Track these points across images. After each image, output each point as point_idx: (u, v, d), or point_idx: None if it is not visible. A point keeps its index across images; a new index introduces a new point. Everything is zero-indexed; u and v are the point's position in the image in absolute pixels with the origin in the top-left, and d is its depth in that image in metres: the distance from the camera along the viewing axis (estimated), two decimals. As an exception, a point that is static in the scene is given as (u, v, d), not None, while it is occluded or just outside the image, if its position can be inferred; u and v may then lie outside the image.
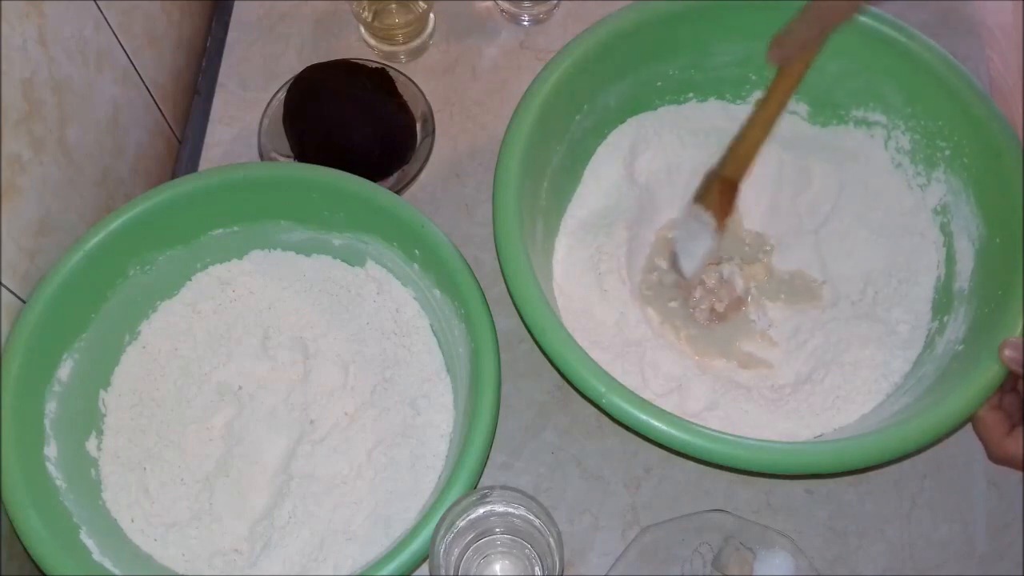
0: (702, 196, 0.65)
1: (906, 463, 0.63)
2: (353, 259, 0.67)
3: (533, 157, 0.62)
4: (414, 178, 0.72)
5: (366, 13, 0.76)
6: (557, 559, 0.52)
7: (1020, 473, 0.60)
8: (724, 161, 0.64)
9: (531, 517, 0.53)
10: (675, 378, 0.62)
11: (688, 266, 0.66)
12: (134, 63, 0.72)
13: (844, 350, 0.63)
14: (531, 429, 0.64)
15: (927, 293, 0.65)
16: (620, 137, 0.70)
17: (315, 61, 0.74)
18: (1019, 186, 0.59)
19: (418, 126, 0.74)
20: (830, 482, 0.63)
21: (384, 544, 0.58)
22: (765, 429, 0.60)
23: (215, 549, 0.60)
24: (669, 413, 0.53)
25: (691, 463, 0.63)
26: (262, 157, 0.73)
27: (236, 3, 0.82)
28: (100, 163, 0.69)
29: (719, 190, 0.64)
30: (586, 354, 0.55)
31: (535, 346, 0.58)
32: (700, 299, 0.67)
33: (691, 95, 0.71)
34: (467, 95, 0.77)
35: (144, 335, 0.65)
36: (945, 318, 0.62)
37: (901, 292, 0.65)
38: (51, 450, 0.58)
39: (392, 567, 0.52)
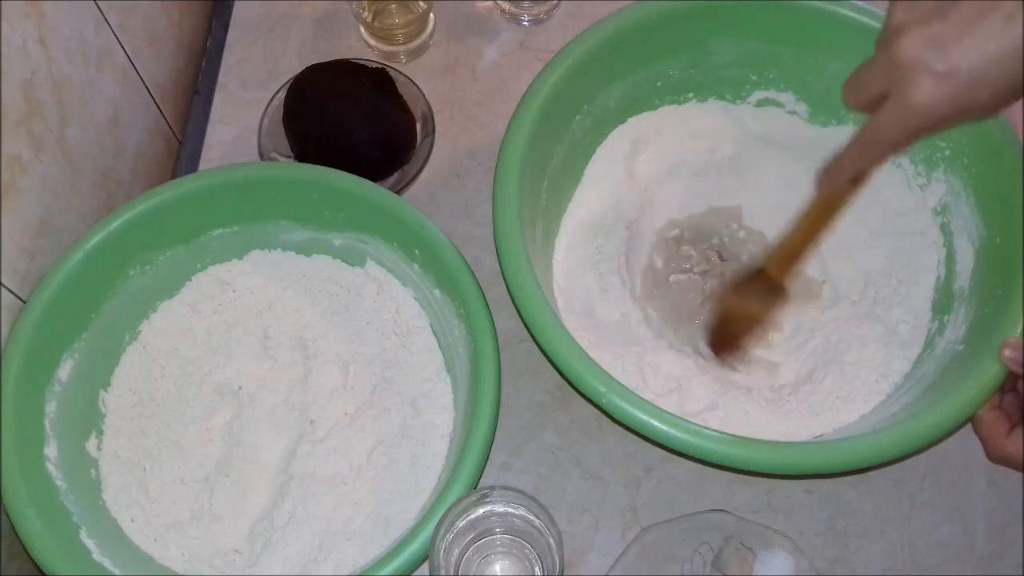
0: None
1: (906, 463, 0.63)
2: (353, 259, 0.67)
3: (533, 157, 0.62)
4: (414, 178, 0.72)
5: (366, 13, 0.76)
6: (557, 559, 0.52)
7: (1020, 473, 0.60)
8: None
9: (531, 517, 0.53)
10: (675, 378, 0.62)
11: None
12: (134, 63, 0.72)
13: (844, 350, 0.63)
14: (531, 429, 0.64)
15: (927, 293, 0.65)
16: (620, 137, 0.70)
17: (315, 61, 0.74)
18: (1019, 186, 0.59)
19: (418, 126, 0.74)
20: (830, 482, 0.63)
21: (384, 544, 0.58)
22: (765, 429, 0.60)
23: (215, 549, 0.60)
24: (669, 413, 0.53)
25: (691, 463, 0.63)
26: (262, 157, 0.73)
27: (236, 3, 0.82)
28: (100, 163, 0.69)
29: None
30: (586, 354, 0.55)
31: (535, 346, 0.58)
32: (705, 301, 0.67)
33: (691, 95, 0.71)
34: (467, 95, 0.77)
35: (144, 335, 0.65)
36: (945, 318, 0.62)
37: (901, 292, 0.65)
38: (51, 450, 0.58)
39: (392, 567, 0.52)
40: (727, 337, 0.64)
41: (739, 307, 0.62)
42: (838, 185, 0.53)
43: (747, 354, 0.64)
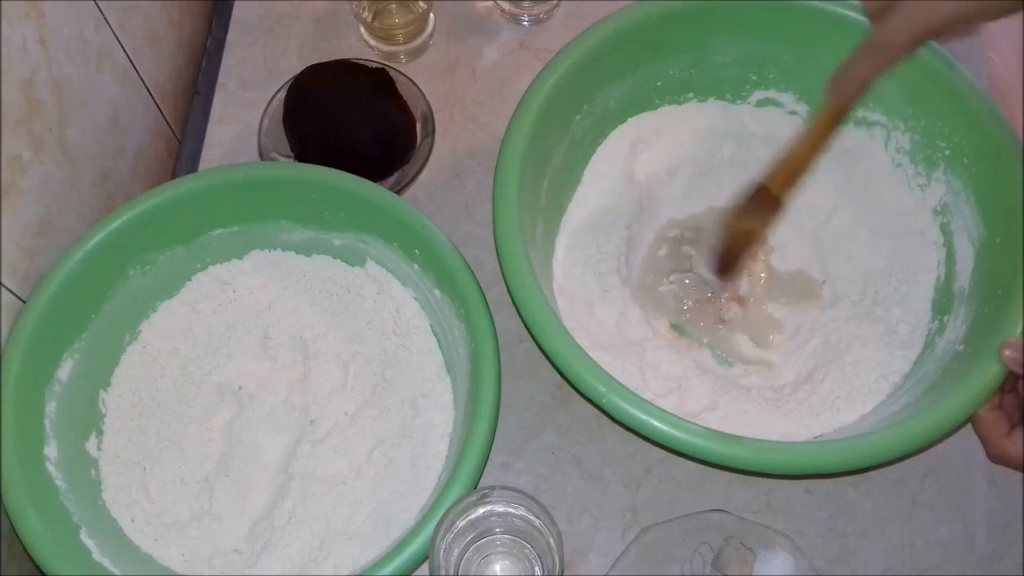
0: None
1: (906, 463, 0.63)
2: (353, 259, 0.67)
3: (533, 157, 0.62)
4: (414, 178, 0.72)
5: (366, 13, 0.76)
6: (557, 559, 0.52)
7: (1020, 473, 0.60)
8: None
9: (531, 517, 0.53)
10: (675, 378, 0.62)
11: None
12: (134, 63, 0.72)
13: (844, 350, 0.63)
14: (531, 429, 0.64)
15: (927, 293, 0.65)
16: (620, 137, 0.70)
17: (315, 61, 0.74)
18: (1019, 186, 0.59)
19: (418, 126, 0.74)
20: (830, 482, 0.63)
21: (384, 544, 0.58)
22: (765, 429, 0.60)
23: (215, 549, 0.60)
24: (669, 413, 0.53)
25: (691, 463, 0.63)
26: (262, 157, 0.73)
27: (236, 3, 0.82)
28: (100, 163, 0.69)
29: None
30: (586, 354, 0.55)
31: (535, 346, 0.58)
32: (706, 301, 0.67)
33: (691, 95, 0.71)
34: (467, 95, 0.77)
35: (144, 335, 0.65)
36: (945, 318, 0.62)
37: (901, 292, 0.65)
38: (51, 450, 0.58)
39: (392, 567, 0.52)
40: (729, 256, 0.65)
41: (739, 225, 0.64)
42: (850, 92, 0.55)
43: (746, 270, 0.66)
